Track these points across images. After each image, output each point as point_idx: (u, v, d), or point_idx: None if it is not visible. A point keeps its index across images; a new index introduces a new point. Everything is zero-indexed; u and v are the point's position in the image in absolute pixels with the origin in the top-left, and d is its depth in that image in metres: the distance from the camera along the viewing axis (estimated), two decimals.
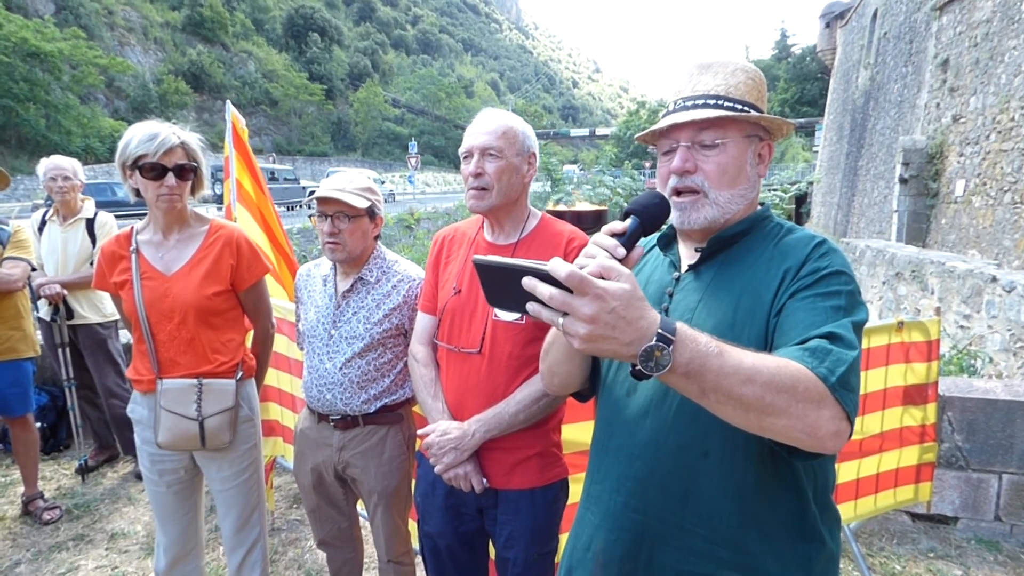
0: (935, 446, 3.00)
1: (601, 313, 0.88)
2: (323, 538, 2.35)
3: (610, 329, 0.89)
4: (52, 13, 44.03)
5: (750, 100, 1.23)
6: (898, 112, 17.31)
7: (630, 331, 0.89)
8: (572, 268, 0.87)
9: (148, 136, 2.06)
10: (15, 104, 33.61)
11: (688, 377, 0.92)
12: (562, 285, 0.88)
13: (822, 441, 0.97)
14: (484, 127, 1.78)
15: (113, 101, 44.94)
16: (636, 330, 0.89)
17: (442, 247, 1.98)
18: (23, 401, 3.59)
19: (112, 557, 3.26)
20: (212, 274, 2.19)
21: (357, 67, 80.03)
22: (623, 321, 0.89)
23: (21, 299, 3.54)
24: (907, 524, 3.56)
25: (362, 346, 2.09)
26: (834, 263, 1.14)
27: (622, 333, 0.89)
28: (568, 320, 0.90)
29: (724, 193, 1.22)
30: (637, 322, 0.90)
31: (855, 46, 24.80)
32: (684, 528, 1.17)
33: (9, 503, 3.79)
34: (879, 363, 2.86)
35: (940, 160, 13.15)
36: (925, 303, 8.01)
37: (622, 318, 0.89)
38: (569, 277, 0.87)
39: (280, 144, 56.57)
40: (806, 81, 52.05)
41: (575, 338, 0.90)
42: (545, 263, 0.90)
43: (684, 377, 0.93)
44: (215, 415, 2.16)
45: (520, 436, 1.76)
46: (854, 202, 21.13)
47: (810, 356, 1.00)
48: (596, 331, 0.89)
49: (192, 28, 57.93)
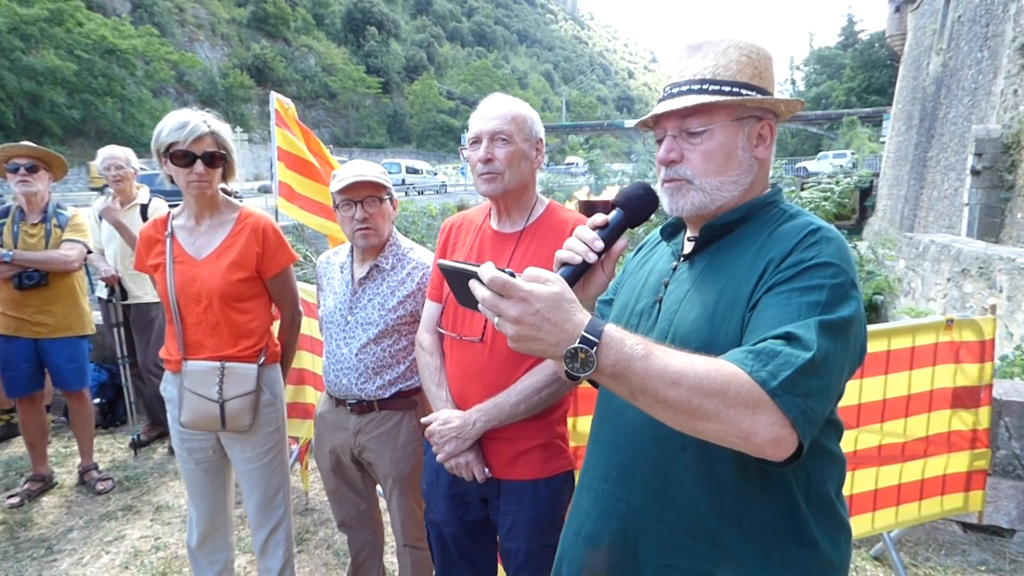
0: (988, 452, 2.83)
1: (525, 315, 0.93)
2: (343, 520, 2.40)
3: (535, 330, 0.94)
4: (128, 11, 46.27)
5: (743, 79, 1.16)
6: (972, 100, 16.32)
7: (556, 332, 0.93)
8: (495, 273, 0.94)
9: (179, 124, 2.12)
10: (94, 98, 35.66)
11: (615, 379, 0.95)
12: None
13: (760, 448, 0.94)
14: (493, 112, 1.75)
15: (183, 95, 46.92)
16: (562, 332, 0.93)
17: (449, 234, 1.97)
18: (79, 376, 3.80)
19: (156, 528, 3.44)
20: (238, 260, 2.25)
21: (413, 60, 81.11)
22: (548, 323, 0.93)
23: (78, 279, 3.75)
24: (957, 534, 3.37)
25: (377, 332, 2.12)
26: (822, 253, 1.06)
27: (547, 334, 0.94)
28: (500, 320, 0.96)
29: (712, 180, 1.17)
30: (563, 324, 0.93)
31: (926, 31, 23.50)
32: (664, 521, 1.15)
33: (67, 472, 4.04)
34: (925, 363, 2.71)
35: (1017, 151, 12.33)
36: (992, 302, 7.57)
37: (547, 320, 0.93)
38: (491, 281, 0.94)
39: (338, 136, 57.95)
40: (874, 69, 49.71)
41: (507, 337, 0.96)
42: (478, 266, 0.97)
43: (611, 379, 0.95)
44: (236, 398, 2.21)
45: (523, 426, 1.74)
46: (922, 195, 20.10)
47: (753, 359, 0.96)
48: (522, 332, 0.94)
49: (256, 24, 60.00)
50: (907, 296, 11.66)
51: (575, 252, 1.12)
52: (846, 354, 1.02)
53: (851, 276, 1.06)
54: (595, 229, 1.15)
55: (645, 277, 1.32)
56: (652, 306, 1.24)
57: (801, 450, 0.96)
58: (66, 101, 33.94)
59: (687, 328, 1.14)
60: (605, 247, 1.14)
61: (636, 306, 1.28)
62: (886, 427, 2.69)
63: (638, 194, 1.20)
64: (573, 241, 1.14)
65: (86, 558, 3.17)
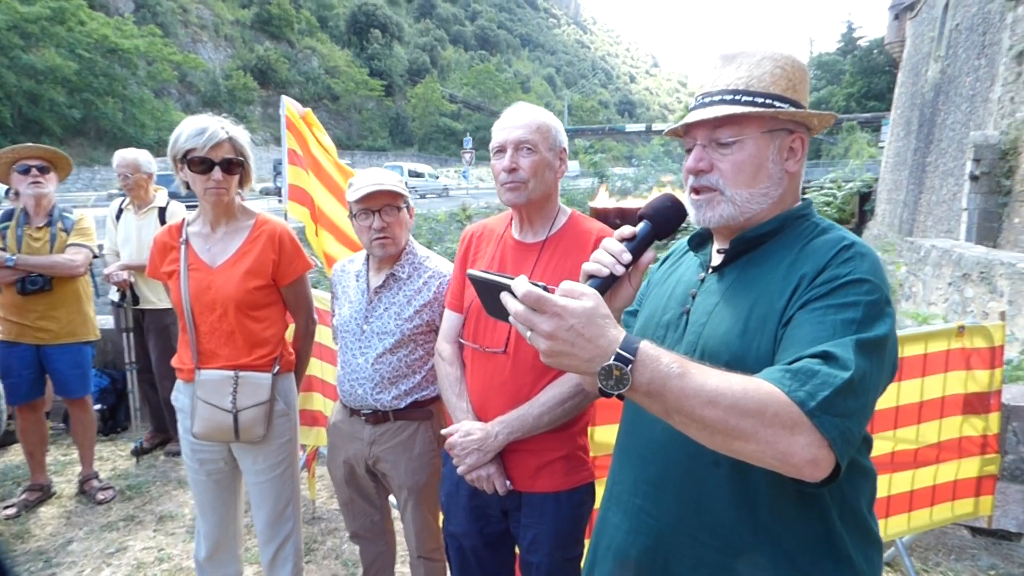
0: (997, 458, 2.85)
1: (559, 330, 0.92)
2: (355, 531, 2.38)
3: (569, 346, 0.92)
4: (131, 11, 46.23)
5: (776, 91, 1.15)
6: (969, 106, 16.35)
7: (590, 348, 0.92)
8: (529, 287, 0.92)
9: (197, 131, 2.09)
10: (95, 98, 35.54)
11: (650, 397, 0.94)
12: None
13: (797, 468, 0.92)
14: (517, 121, 1.75)
15: (185, 96, 46.90)
16: (596, 348, 0.92)
17: (470, 244, 1.96)
18: (82, 383, 3.73)
19: (159, 539, 3.35)
20: (254, 268, 2.23)
21: (416, 63, 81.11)
22: (582, 339, 0.92)
23: (83, 284, 3.67)
24: (967, 539, 3.37)
25: (393, 342, 2.10)
26: (857, 270, 1.04)
27: (581, 350, 0.92)
28: (532, 335, 0.94)
29: (742, 192, 1.16)
30: (597, 340, 0.92)
31: (925, 38, 23.56)
32: (697, 538, 1.14)
33: (67, 482, 3.93)
34: (937, 370, 2.72)
35: (1014, 156, 12.36)
36: (993, 306, 7.58)
37: (581, 335, 0.92)
38: (525, 296, 0.92)
39: (340, 139, 57.87)
40: (873, 75, 49.85)
41: (539, 352, 0.95)
42: (511, 278, 0.95)
43: (646, 397, 0.94)
44: (250, 408, 2.18)
45: (545, 438, 1.73)
46: (921, 200, 20.12)
47: (791, 378, 0.94)
48: (555, 347, 0.93)
49: (260, 25, 60.05)
50: (908, 300, 11.68)
51: (603, 264, 1.11)
52: (881, 372, 1.02)
53: (885, 293, 1.05)
54: (622, 241, 1.14)
55: (672, 288, 1.31)
56: (679, 318, 1.23)
57: (838, 471, 0.95)
58: (66, 100, 33.80)
59: (717, 341, 1.13)
60: (633, 259, 1.13)
61: (663, 317, 1.27)
62: (899, 434, 2.69)
63: (666, 206, 1.18)
64: (601, 253, 1.13)
65: (87, 571, 3.07)
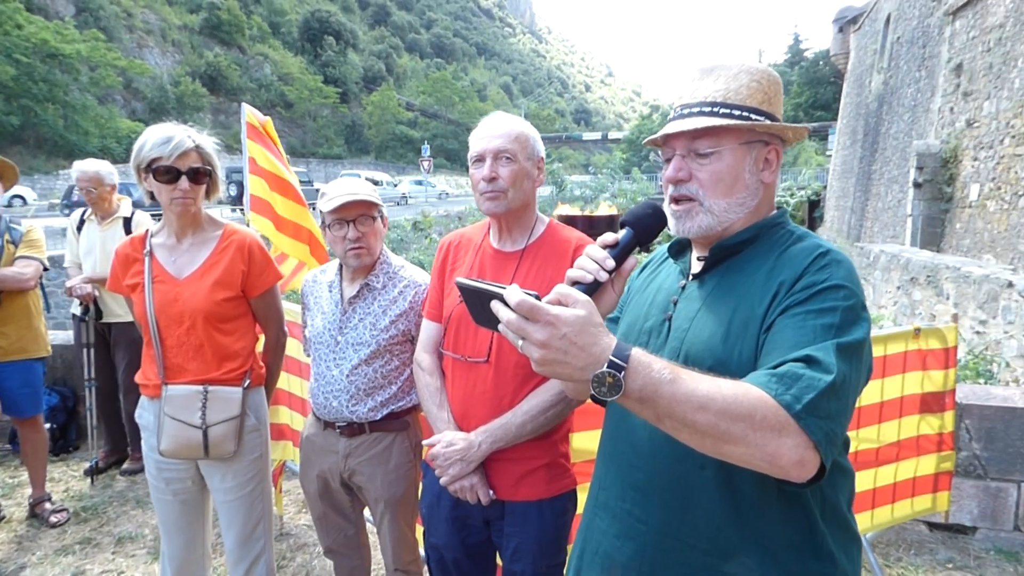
0: (953, 455, 2.96)
1: (552, 339, 0.92)
2: (329, 546, 2.33)
3: (562, 354, 0.92)
4: (72, 15, 44.67)
5: (753, 104, 1.19)
6: (912, 116, 17.13)
7: (583, 356, 0.92)
8: (522, 296, 0.92)
9: (163, 139, 2.04)
10: (34, 104, 34.15)
11: (642, 403, 0.95)
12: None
13: (785, 470, 0.95)
14: (496, 130, 1.75)
15: (131, 102, 45.51)
16: (589, 356, 0.92)
17: (448, 253, 1.95)
18: (33, 402, 3.58)
19: (119, 561, 3.24)
20: (223, 279, 2.17)
21: (371, 70, 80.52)
22: (575, 347, 0.92)
23: (33, 298, 3.54)
24: (924, 534, 3.50)
25: (368, 353, 2.07)
26: (834, 276, 1.08)
27: (574, 358, 0.92)
28: (524, 344, 0.94)
29: (720, 202, 1.19)
30: (590, 348, 0.92)
31: (868, 51, 24.59)
32: (685, 541, 1.15)
33: (16, 505, 3.77)
34: (896, 371, 2.81)
35: (954, 164, 13.00)
36: (940, 308, 7.92)
37: (574, 344, 0.92)
38: (519, 305, 0.92)
39: (294, 146, 56.90)
40: (819, 85, 51.60)
41: (532, 360, 0.95)
42: (504, 287, 0.95)
43: (638, 403, 0.95)
44: (220, 423, 2.12)
45: (527, 447, 1.73)
46: (868, 206, 20.93)
47: (776, 382, 0.97)
48: (548, 355, 0.93)
49: (209, 31, 58.62)
50: None
51: (587, 271, 1.13)
52: (859, 375, 1.05)
53: (860, 298, 1.10)
54: (605, 248, 1.16)
55: (653, 295, 1.33)
56: (662, 324, 1.26)
57: (823, 472, 0.98)
58: (3, 107, 32.46)
59: (700, 346, 1.15)
60: (616, 266, 1.16)
61: (644, 324, 1.29)
62: (861, 433, 2.77)
63: (647, 213, 1.22)
64: (585, 260, 1.14)
65: None
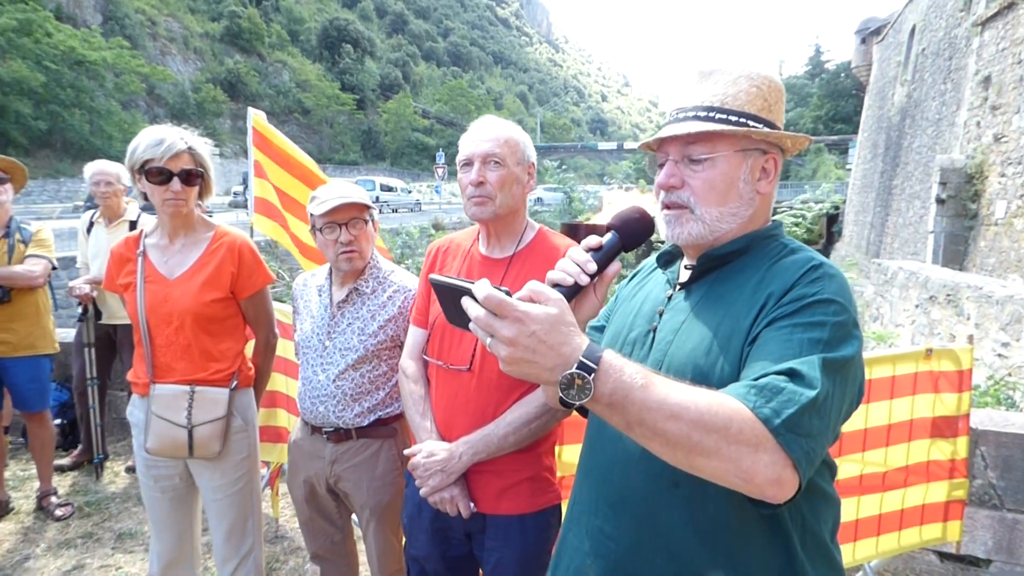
0: (966, 482, 2.84)
1: (520, 336, 0.87)
2: (316, 551, 2.30)
3: (530, 353, 0.88)
4: (99, 23, 45.68)
5: (751, 111, 1.14)
6: (935, 130, 16.88)
7: (552, 356, 0.88)
8: (490, 291, 0.88)
9: (155, 141, 2.05)
10: (61, 110, 35.07)
11: (611, 408, 0.90)
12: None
13: (760, 488, 0.89)
14: (485, 134, 1.71)
15: (153, 108, 46.30)
16: (558, 356, 0.88)
17: (436, 258, 1.91)
18: (41, 397, 3.66)
19: (117, 557, 3.29)
20: (212, 281, 2.18)
21: (388, 78, 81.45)
22: (544, 345, 0.88)
23: (41, 296, 3.62)
24: (934, 564, 3.37)
25: (356, 358, 2.04)
26: (825, 290, 1.03)
27: (543, 358, 0.88)
28: (492, 341, 0.90)
29: (712, 210, 1.14)
30: (559, 347, 0.88)
31: (891, 62, 24.33)
32: (654, 562, 1.09)
33: (24, 497, 3.85)
34: (905, 392, 2.72)
35: (980, 180, 12.74)
36: (960, 329, 7.72)
37: (543, 342, 0.88)
38: (487, 299, 0.88)
39: (311, 152, 56.52)
40: (840, 98, 51.23)
41: (499, 359, 0.90)
42: (472, 283, 0.91)
43: (608, 408, 0.90)
44: (205, 424, 2.12)
45: (511, 459, 1.68)
46: (888, 222, 20.64)
47: (756, 394, 0.92)
48: (516, 354, 0.88)
49: (230, 39, 59.77)
50: (876, 321, 11.88)
51: (567, 273, 1.09)
52: (845, 395, 0.99)
53: (852, 315, 1.04)
54: (589, 251, 1.13)
55: (639, 305, 1.29)
56: (646, 335, 1.21)
57: (798, 491, 0.92)
58: (32, 112, 33.32)
59: (683, 359, 1.10)
60: (598, 270, 1.12)
61: (629, 334, 1.25)
62: (867, 456, 2.68)
63: (634, 218, 1.19)
64: (566, 262, 1.11)
65: None
